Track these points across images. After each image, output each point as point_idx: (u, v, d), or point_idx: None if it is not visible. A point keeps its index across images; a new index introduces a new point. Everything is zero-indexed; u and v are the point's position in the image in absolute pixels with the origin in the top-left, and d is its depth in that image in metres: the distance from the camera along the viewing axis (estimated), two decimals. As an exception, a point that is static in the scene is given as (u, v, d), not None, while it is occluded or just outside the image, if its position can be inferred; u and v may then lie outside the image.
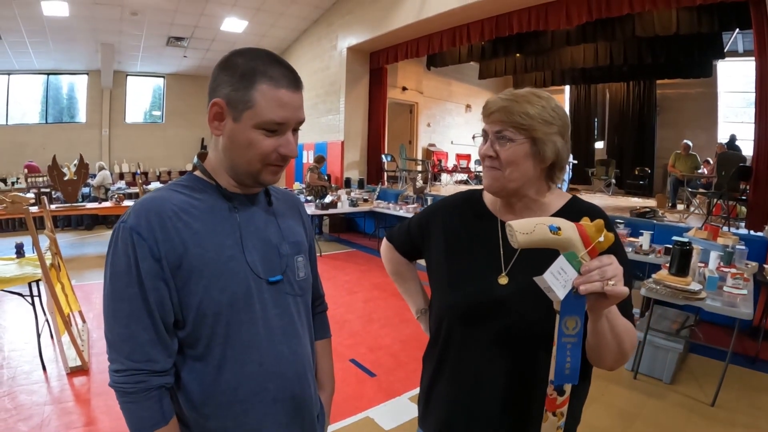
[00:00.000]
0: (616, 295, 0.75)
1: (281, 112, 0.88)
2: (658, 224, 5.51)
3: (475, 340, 1.03)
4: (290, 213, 1.13)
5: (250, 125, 0.88)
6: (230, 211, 0.96)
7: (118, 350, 0.85)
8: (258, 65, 0.88)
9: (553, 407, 0.81)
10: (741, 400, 3.18)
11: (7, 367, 3.38)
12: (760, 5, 5.15)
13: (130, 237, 0.84)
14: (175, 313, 0.89)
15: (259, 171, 0.93)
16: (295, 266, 1.05)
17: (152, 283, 0.85)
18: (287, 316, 1.01)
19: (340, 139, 10.96)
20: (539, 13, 7.18)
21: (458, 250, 1.10)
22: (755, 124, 5.33)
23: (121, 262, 0.85)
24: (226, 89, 0.88)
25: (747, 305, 3.01)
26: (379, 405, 3.05)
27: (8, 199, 5.34)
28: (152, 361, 0.86)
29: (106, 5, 9.37)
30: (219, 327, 0.90)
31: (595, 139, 13.79)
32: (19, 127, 12.05)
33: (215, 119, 0.91)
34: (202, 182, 0.98)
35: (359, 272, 6.66)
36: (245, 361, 0.93)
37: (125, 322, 0.85)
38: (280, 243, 1.02)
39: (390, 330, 4.33)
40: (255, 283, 0.94)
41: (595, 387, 3.16)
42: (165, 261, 0.85)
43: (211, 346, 0.91)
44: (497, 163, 0.99)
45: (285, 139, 0.92)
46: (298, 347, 1.02)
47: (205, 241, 0.89)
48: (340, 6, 10.71)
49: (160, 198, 0.90)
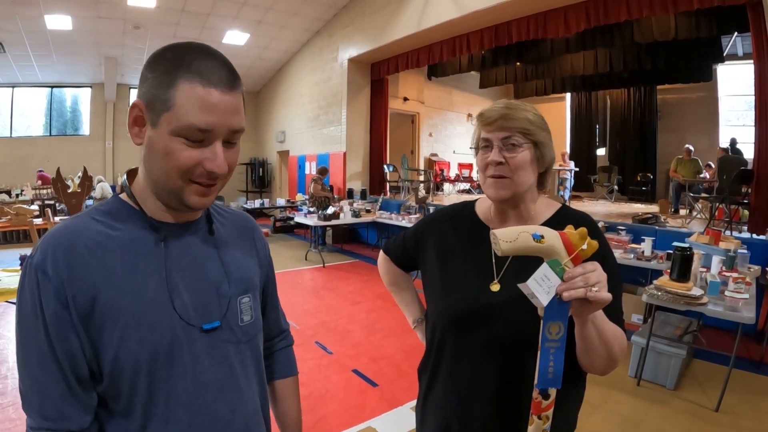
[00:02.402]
0: (600, 301, 0.76)
1: (205, 116, 0.70)
2: (660, 230, 5.50)
3: (467, 346, 1.04)
4: (239, 242, 0.95)
5: (168, 131, 0.71)
6: (156, 244, 0.79)
7: (29, 404, 0.73)
8: (184, 58, 0.71)
9: (538, 411, 0.82)
10: (745, 404, 3.16)
11: (11, 378, 3.39)
12: (757, 8, 5.18)
13: (35, 276, 0.70)
14: (89, 365, 0.74)
15: (180, 189, 0.75)
16: (238, 309, 0.88)
17: (58, 330, 0.71)
18: (226, 368, 0.85)
19: (342, 150, 11.00)
20: (538, 22, 7.24)
21: (451, 259, 1.12)
22: (755, 127, 5.34)
23: (27, 304, 0.71)
24: (146, 87, 0.73)
25: (749, 309, 3.00)
26: (382, 415, 3.04)
27: (13, 211, 5.38)
28: (65, 419, 0.72)
29: (109, 19, 9.51)
30: (139, 383, 0.75)
31: (596, 145, 13.80)
32: (23, 140, 12.18)
33: (135, 124, 0.75)
34: (126, 208, 0.81)
35: (362, 282, 6.66)
36: (170, 420, 0.78)
37: (34, 372, 0.72)
38: (220, 281, 0.86)
39: (393, 340, 4.34)
40: (184, 331, 0.79)
41: (597, 394, 3.18)
42: (73, 306, 0.71)
43: (133, 403, 0.76)
44: (506, 170, 1.00)
45: (211, 151, 0.73)
46: (238, 404, 0.86)
47: (121, 282, 0.74)
48: (341, 17, 10.81)
49: (72, 229, 0.75)
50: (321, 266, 7.69)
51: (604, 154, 13.47)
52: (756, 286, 3.59)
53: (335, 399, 3.23)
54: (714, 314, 3.04)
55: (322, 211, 8.26)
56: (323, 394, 3.28)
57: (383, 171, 11.22)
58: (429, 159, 13.97)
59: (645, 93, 12.29)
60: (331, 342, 4.27)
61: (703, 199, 7.26)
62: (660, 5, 5.89)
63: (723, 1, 5.39)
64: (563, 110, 14.62)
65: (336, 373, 3.64)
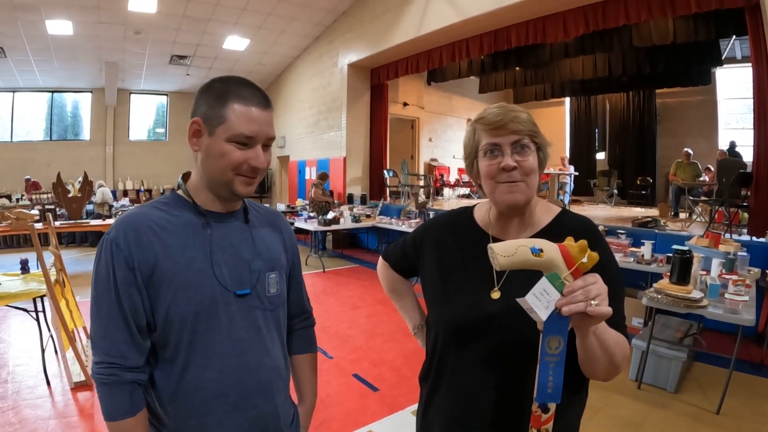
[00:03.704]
0: (601, 315, 0.74)
1: (250, 126, 0.96)
2: (660, 233, 5.51)
3: (468, 354, 1.03)
4: (269, 230, 1.17)
5: (223, 138, 0.96)
6: (203, 227, 1.02)
7: (98, 346, 0.95)
8: (231, 87, 0.97)
9: (538, 424, 0.81)
10: (746, 407, 3.15)
11: (12, 382, 3.39)
12: (755, 12, 5.19)
13: (109, 248, 0.94)
14: (147, 318, 0.96)
15: (231, 180, 0.99)
16: (266, 282, 1.09)
17: (126, 289, 0.93)
18: (254, 329, 1.06)
19: (342, 155, 11.02)
20: (537, 27, 7.27)
21: (451, 266, 1.11)
22: (754, 129, 5.36)
23: (102, 270, 0.94)
24: (203, 108, 0.98)
25: (749, 312, 3.00)
26: (382, 419, 3.03)
27: (13, 216, 5.37)
28: (125, 357, 0.94)
29: (110, 24, 9.55)
30: (184, 333, 0.97)
31: (596, 150, 13.81)
32: (24, 145, 12.21)
33: (194, 136, 1.00)
34: (181, 200, 1.05)
35: (362, 287, 6.65)
36: (207, 366, 0.99)
37: (104, 322, 0.94)
38: (252, 259, 1.07)
39: (393, 345, 4.33)
40: (222, 295, 1.00)
41: (598, 397, 3.17)
42: (138, 270, 0.94)
43: (178, 350, 0.98)
44: (519, 174, 0.98)
45: (255, 152, 0.98)
46: (265, 358, 1.07)
47: (175, 254, 0.97)
48: (341, 23, 10.84)
49: (139, 214, 0.99)
50: (321, 271, 7.69)
51: (604, 158, 13.48)
52: (756, 288, 3.59)
53: (336, 403, 3.22)
54: (714, 317, 3.03)
55: (322, 216, 8.27)
56: (324, 398, 3.27)
57: (383, 176, 11.22)
58: (429, 164, 14.00)
59: (644, 97, 12.31)
60: (331, 346, 4.26)
61: (703, 203, 7.27)
62: (658, 9, 5.92)
63: (721, 5, 5.42)
64: (562, 115, 14.66)
65: (336, 377, 3.64)
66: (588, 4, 6.56)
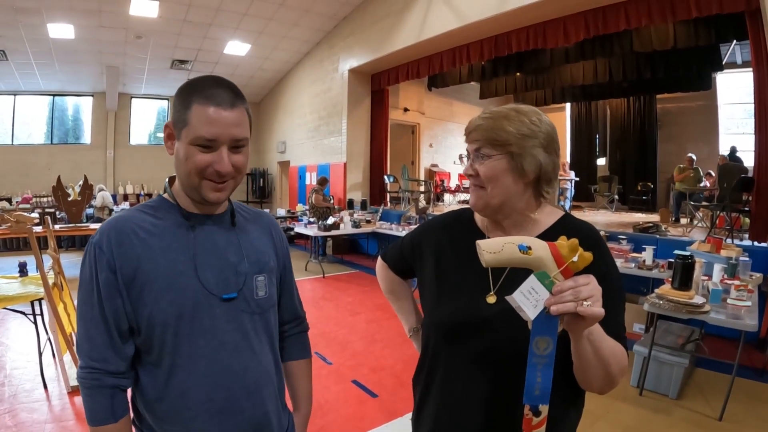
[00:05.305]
0: (592, 317, 0.72)
1: (210, 128, 0.92)
2: (661, 239, 5.49)
3: (460, 359, 1.01)
4: (257, 233, 1.15)
5: (187, 141, 0.94)
6: (187, 230, 1.02)
7: (82, 349, 0.95)
8: (196, 88, 0.95)
9: (529, 428, 0.78)
10: (749, 413, 3.13)
11: (8, 385, 3.37)
12: (756, 16, 5.19)
13: (93, 251, 0.95)
14: (129, 322, 0.96)
15: (198, 185, 0.97)
16: (254, 285, 1.07)
17: (107, 292, 0.93)
18: (241, 333, 1.03)
19: (343, 160, 11.02)
20: (537, 32, 7.28)
21: (448, 268, 1.09)
22: (755, 134, 5.35)
23: (86, 273, 0.95)
24: (173, 111, 0.98)
25: (752, 317, 2.98)
26: (381, 426, 3.01)
27: (13, 219, 5.37)
28: (106, 361, 0.94)
29: (111, 28, 9.57)
30: (168, 336, 0.96)
31: (597, 155, 13.81)
32: (25, 148, 12.19)
33: (168, 139, 1.01)
34: (167, 203, 1.05)
35: (362, 293, 6.64)
36: (192, 371, 0.97)
37: (87, 325, 0.95)
38: (238, 261, 1.05)
39: (392, 350, 4.31)
40: (206, 298, 0.99)
41: (600, 404, 3.15)
42: (119, 273, 0.94)
43: (162, 354, 0.97)
44: (479, 181, 0.99)
45: (218, 156, 0.95)
46: (251, 363, 1.04)
47: (158, 256, 0.96)
48: (342, 28, 10.87)
49: (124, 218, 1.00)
50: (321, 276, 7.67)
51: (605, 164, 13.47)
52: (758, 293, 3.58)
53: (334, 409, 3.20)
54: (716, 322, 3.02)
55: (323, 222, 8.26)
56: (322, 404, 3.25)
57: (383, 181, 11.21)
58: (429, 170, 13.99)
59: (644, 102, 12.31)
60: (330, 352, 4.24)
61: (704, 208, 7.25)
62: (659, 14, 5.92)
63: (721, 10, 5.41)
64: (563, 120, 14.63)
65: (335, 383, 3.62)
66: (588, 9, 6.56)
